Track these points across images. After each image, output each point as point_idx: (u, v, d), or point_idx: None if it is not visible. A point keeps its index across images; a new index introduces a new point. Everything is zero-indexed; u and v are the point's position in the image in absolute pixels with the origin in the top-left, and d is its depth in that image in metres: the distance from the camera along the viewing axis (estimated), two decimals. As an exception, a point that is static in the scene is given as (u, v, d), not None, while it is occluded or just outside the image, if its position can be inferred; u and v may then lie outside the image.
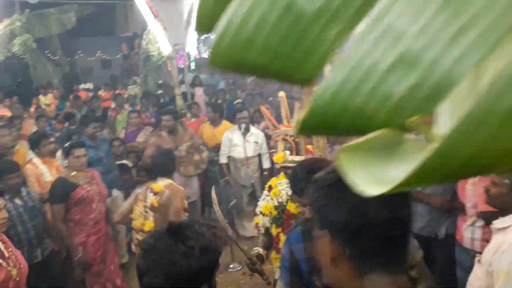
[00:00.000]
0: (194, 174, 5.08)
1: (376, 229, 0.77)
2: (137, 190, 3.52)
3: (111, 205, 4.52)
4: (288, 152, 3.01)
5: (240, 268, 4.59)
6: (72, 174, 3.46)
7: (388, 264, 0.79)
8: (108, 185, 4.53)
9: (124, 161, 5.06)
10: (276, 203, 2.62)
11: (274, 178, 2.84)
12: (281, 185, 2.67)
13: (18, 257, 2.34)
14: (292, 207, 2.49)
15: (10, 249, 2.33)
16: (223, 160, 5.20)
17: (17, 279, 2.25)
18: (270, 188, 2.75)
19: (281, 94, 3.40)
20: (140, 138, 5.78)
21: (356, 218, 0.78)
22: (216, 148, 5.34)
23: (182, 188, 3.48)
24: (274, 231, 2.60)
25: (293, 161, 2.68)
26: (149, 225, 3.29)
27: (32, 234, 3.25)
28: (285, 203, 2.57)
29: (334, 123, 0.34)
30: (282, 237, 2.50)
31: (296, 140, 3.24)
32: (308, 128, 0.36)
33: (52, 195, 3.43)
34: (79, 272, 3.53)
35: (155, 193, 3.29)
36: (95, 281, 3.59)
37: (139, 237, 3.32)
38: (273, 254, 2.70)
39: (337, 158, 0.36)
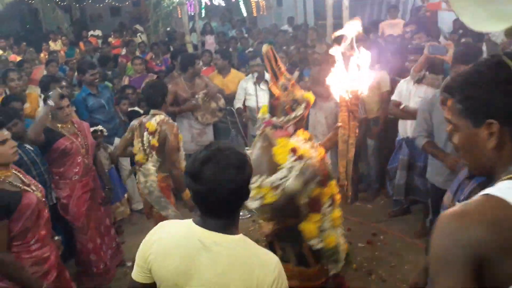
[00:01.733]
0: (211, 122, 5.05)
1: None
2: (133, 123, 3.53)
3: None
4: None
5: (249, 216, 4.67)
6: (58, 125, 3.28)
7: None
8: (110, 133, 4.54)
9: (136, 108, 5.04)
10: None
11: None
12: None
13: (34, 181, 2.50)
14: None
15: (27, 176, 2.48)
16: (238, 104, 5.13)
17: (43, 199, 2.46)
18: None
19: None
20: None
21: None
22: (228, 98, 5.26)
23: (175, 123, 3.46)
24: None
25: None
26: (154, 162, 3.35)
27: (46, 177, 3.29)
28: None
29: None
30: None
31: None
32: None
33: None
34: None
35: (151, 133, 3.31)
36: (80, 237, 3.46)
37: (143, 170, 3.38)
38: None
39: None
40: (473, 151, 1.10)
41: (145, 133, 3.37)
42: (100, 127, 4.27)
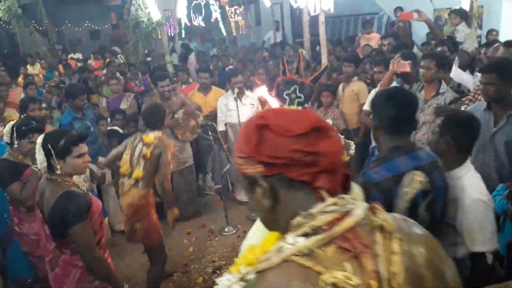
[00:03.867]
0: (191, 139, 5.06)
1: None
2: (128, 139, 3.63)
3: (98, 173, 4.50)
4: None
5: (234, 231, 4.63)
6: (19, 157, 3.13)
7: None
8: (95, 153, 4.51)
9: (114, 127, 5.02)
10: None
11: None
12: None
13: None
14: None
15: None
16: (221, 127, 5.14)
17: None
18: None
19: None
20: (124, 105, 5.73)
21: None
22: (210, 116, 5.27)
23: (172, 142, 3.57)
24: None
25: None
26: (137, 173, 3.38)
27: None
28: None
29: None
30: None
31: None
32: None
33: (1, 178, 3.09)
34: None
35: (146, 144, 3.40)
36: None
37: (125, 181, 3.45)
38: None
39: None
40: None
41: (139, 145, 3.43)
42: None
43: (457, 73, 3.86)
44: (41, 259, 2.67)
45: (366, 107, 4.30)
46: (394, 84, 4.03)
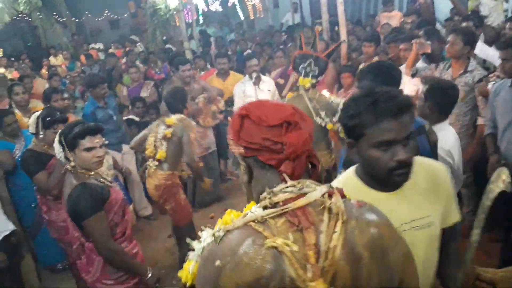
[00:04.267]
0: (213, 125, 5.08)
1: None
2: (151, 124, 3.75)
3: (122, 160, 4.59)
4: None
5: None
6: (44, 147, 3.20)
7: None
8: (119, 141, 4.60)
9: (131, 116, 5.10)
10: None
11: None
12: None
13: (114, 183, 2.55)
14: None
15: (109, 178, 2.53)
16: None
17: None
18: None
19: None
20: (144, 93, 5.79)
21: None
22: (229, 101, 5.27)
23: (193, 122, 3.67)
24: None
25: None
26: (161, 153, 3.49)
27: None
28: None
29: None
30: None
31: None
32: None
33: (27, 168, 3.19)
34: None
35: (168, 126, 3.50)
36: None
37: (150, 163, 3.56)
38: None
39: None
40: None
41: (162, 127, 3.54)
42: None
43: (482, 49, 3.71)
44: (70, 245, 2.74)
45: None
46: (420, 63, 3.92)
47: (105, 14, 15.77)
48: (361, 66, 4.94)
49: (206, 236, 1.08)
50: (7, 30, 10.00)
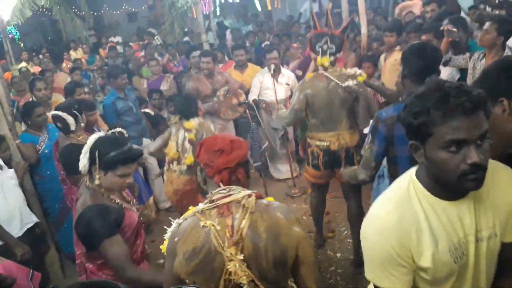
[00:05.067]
0: (233, 118, 5.07)
1: None
2: (170, 129, 3.71)
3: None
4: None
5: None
6: (80, 137, 3.33)
7: None
8: (139, 134, 4.63)
9: (147, 110, 5.13)
10: None
11: None
12: None
13: (132, 196, 2.43)
14: None
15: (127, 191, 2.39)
16: (253, 97, 5.05)
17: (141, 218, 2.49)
18: None
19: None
20: (164, 86, 5.81)
21: None
22: (247, 92, 5.25)
23: (211, 124, 3.67)
24: None
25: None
26: (190, 158, 3.47)
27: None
28: None
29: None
30: None
31: None
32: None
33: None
34: None
35: (188, 130, 3.49)
36: None
37: (174, 167, 3.56)
38: None
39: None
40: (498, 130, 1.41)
41: (181, 131, 3.52)
42: (118, 129, 4.36)
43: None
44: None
45: None
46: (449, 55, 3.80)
47: (124, 7, 15.85)
48: (383, 56, 4.86)
49: (174, 224, 1.66)
50: (28, 24, 10.15)
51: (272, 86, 4.76)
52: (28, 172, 3.55)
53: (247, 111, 5.06)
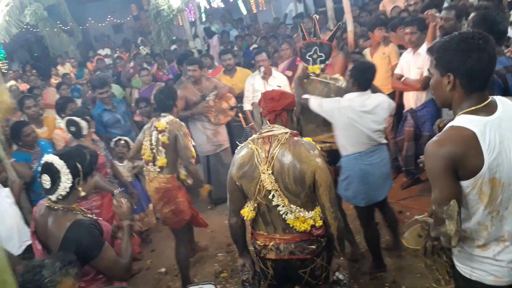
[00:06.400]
0: (224, 122, 5.07)
1: None
2: (144, 127, 3.70)
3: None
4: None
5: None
6: (87, 144, 3.48)
7: None
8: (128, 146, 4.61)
9: (136, 118, 5.13)
10: None
11: None
12: None
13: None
14: None
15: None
16: (247, 107, 5.13)
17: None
18: None
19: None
20: None
21: None
22: (238, 96, 5.26)
23: (183, 123, 3.58)
24: None
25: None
26: (161, 161, 3.46)
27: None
28: None
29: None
30: None
31: None
32: None
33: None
34: None
35: (160, 131, 3.45)
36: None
37: (150, 168, 3.53)
38: None
39: None
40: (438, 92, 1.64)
41: (154, 132, 3.50)
42: (124, 138, 4.41)
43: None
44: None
45: (398, 70, 4.22)
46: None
47: (108, 19, 15.84)
48: (367, 50, 4.92)
49: (239, 147, 2.37)
50: (13, 42, 10.11)
51: (263, 89, 4.78)
52: (24, 189, 3.53)
53: (240, 115, 5.08)
